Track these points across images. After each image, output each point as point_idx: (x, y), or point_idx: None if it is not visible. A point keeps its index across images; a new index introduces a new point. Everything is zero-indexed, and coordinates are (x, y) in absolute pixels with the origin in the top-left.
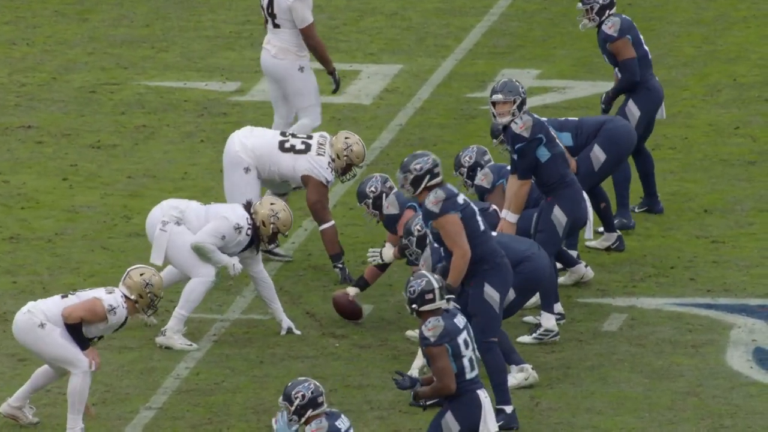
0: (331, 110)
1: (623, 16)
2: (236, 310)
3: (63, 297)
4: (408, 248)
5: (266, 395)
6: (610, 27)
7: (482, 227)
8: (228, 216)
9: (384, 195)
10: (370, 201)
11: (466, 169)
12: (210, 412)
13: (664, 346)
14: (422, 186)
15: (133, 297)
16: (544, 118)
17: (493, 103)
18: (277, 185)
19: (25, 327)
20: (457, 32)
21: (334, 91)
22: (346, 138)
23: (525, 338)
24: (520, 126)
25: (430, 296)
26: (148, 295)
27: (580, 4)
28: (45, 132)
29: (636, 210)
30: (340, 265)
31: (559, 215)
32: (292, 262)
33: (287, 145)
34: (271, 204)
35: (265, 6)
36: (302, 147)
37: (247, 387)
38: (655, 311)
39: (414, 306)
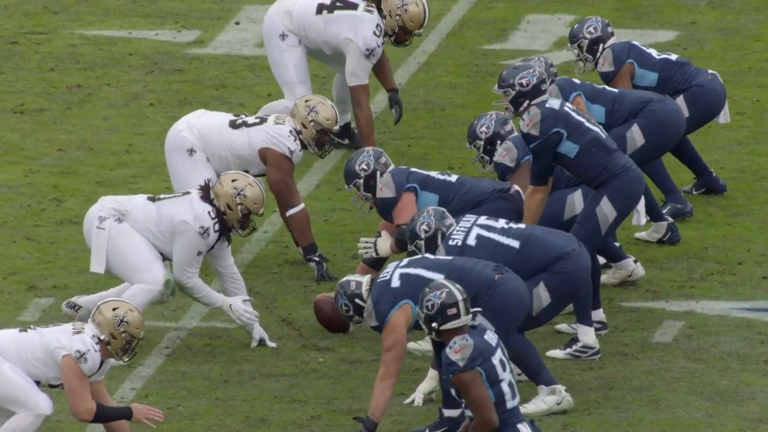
0: (312, 66)
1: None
2: (194, 317)
3: (21, 331)
4: (416, 254)
5: (232, 423)
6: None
7: None
8: (187, 219)
9: (378, 173)
10: (362, 181)
11: (482, 142)
12: None
13: (729, 362)
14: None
15: (104, 337)
16: (577, 81)
17: None
18: None
19: None
20: None
21: None
22: (306, 101)
23: (557, 353)
24: (527, 123)
25: (453, 311)
26: (123, 335)
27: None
28: None
29: (694, 192)
30: (316, 259)
31: (606, 209)
32: (266, 256)
33: (239, 122)
34: (234, 180)
35: None
36: (256, 121)
37: (209, 412)
38: (718, 318)
39: (434, 325)
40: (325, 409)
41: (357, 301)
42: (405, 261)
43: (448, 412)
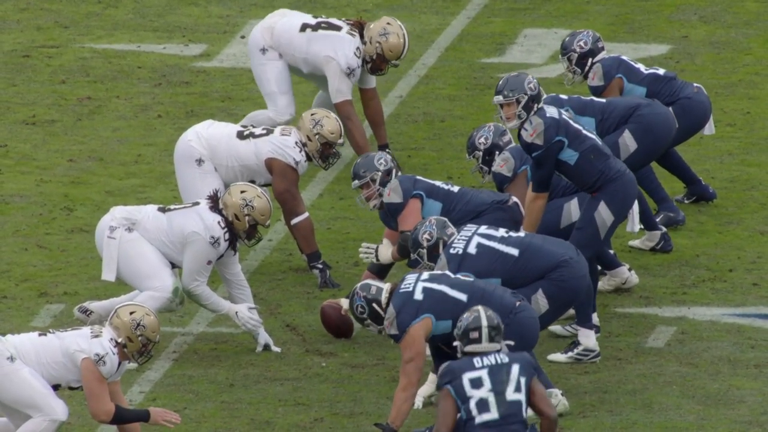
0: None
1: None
2: (201, 322)
3: (40, 335)
4: (419, 263)
5: (237, 425)
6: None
7: None
8: (198, 230)
9: (394, 173)
10: (380, 174)
11: (481, 153)
12: None
13: (721, 366)
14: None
15: (121, 340)
16: (564, 96)
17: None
18: None
19: None
20: None
21: None
22: (312, 115)
23: (558, 356)
24: (531, 133)
25: (474, 335)
26: (139, 338)
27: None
28: None
29: (686, 201)
30: (320, 266)
31: (604, 213)
32: (270, 263)
33: (246, 132)
34: (242, 192)
35: None
36: (263, 132)
37: (215, 415)
38: (710, 323)
39: (457, 344)
40: (328, 411)
41: (374, 306)
42: (426, 275)
43: None
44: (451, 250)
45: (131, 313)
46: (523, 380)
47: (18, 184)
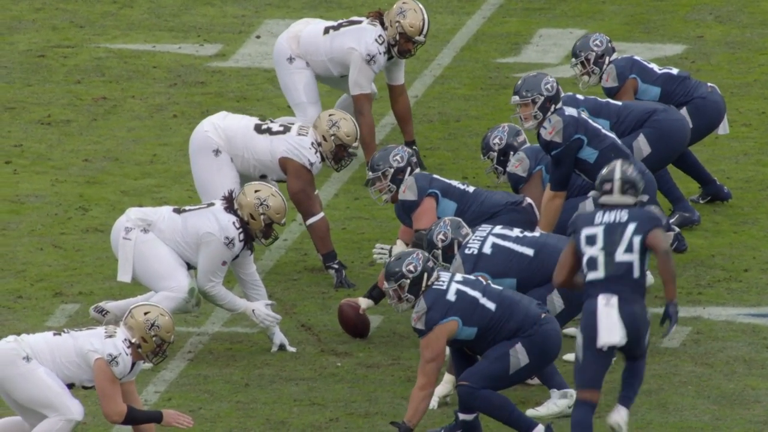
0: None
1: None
2: (217, 322)
3: (55, 335)
4: (434, 263)
5: (252, 425)
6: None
7: None
8: (212, 231)
9: (408, 171)
10: (392, 171)
11: (496, 153)
12: None
13: (736, 366)
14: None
15: (135, 340)
16: (580, 97)
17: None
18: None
19: (6, 358)
20: None
21: None
22: (330, 115)
23: (573, 356)
24: (549, 131)
25: (607, 186)
26: (154, 338)
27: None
28: None
29: (701, 201)
30: (335, 266)
31: None
32: (285, 263)
33: (264, 127)
34: (257, 191)
35: None
36: (280, 129)
37: (230, 415)
38: (725, 323)
39: (594, 194)
40: (343, 411)
41: (424, 276)
42: (460, 276)
43: (463, 416)
44: (466, 251)
45: (146, 314)
46: (636, 239)
47: (33, 184)
